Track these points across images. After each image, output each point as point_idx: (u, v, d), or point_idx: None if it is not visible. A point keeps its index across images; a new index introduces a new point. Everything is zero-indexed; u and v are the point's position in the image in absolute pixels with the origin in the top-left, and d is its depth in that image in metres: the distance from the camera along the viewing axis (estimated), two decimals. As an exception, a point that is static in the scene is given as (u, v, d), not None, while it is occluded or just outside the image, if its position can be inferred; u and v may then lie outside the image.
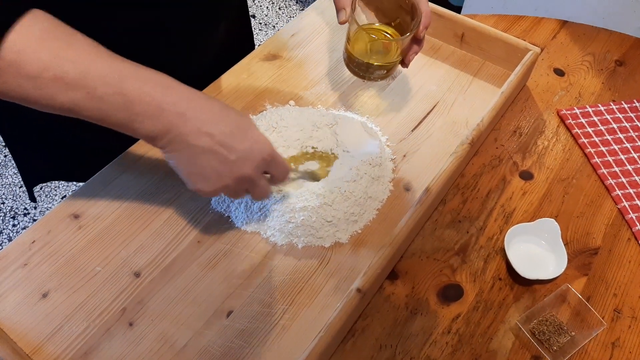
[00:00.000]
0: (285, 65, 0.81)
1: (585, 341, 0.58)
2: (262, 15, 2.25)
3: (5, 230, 1.57)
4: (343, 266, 0.61)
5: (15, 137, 0.75)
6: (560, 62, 0.88)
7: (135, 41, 0.61)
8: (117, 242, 0.62)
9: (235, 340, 0.56)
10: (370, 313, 0.59)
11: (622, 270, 0.65)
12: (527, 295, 0.62)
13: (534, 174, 0.73)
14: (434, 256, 0.64)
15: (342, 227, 0.63)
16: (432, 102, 0.78)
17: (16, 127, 0.73)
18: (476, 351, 0.58)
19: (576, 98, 0.83)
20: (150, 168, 0.68)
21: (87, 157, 0.76)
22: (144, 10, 0.61)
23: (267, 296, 0.59)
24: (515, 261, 0.62)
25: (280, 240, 0.63)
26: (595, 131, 0.78)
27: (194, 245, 0.62)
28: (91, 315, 0.56)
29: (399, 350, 0.57)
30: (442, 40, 0.86)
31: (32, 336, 0.55)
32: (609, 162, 0.75)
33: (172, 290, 0.58)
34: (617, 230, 0.69)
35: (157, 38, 0.66)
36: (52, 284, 0.58)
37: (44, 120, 0.54)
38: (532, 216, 0.69)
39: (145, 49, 0.59)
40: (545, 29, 0.93)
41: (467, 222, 0.67)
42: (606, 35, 0.93)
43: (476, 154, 0.74)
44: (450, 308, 0.60)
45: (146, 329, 0.56)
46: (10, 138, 0.76)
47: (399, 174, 0.70)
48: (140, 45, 0.62)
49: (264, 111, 0.74)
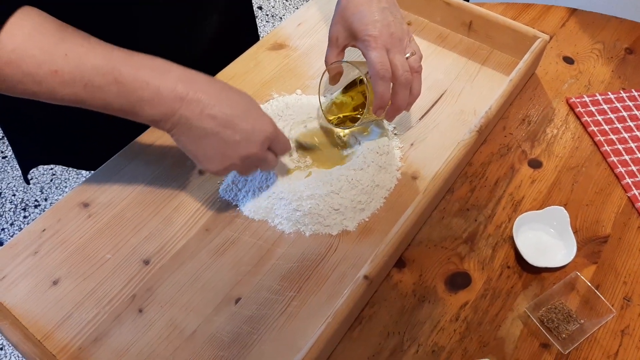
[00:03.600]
0: (292, 54, 0.81)
1: (594, 329, 0.58)
2: (269, 7, 2.24)
3: (17, 221, 1.58)
4: (350, 254, 0.62)
5: (11, 119, 0.75)
6: (570, 50, 0.87)
7: (124, 32, 0.61)
8: (127, 230, 0.62)
9: (243, 327, 0.56)
10: (377, 300, 0.59)
11: (632, 259, 0.65)
12: (536, 283, 0.62)
13: (543, 162, 0.73)
14: (441, 244, 0.64)
15: (350, 215, 0.63)
16: (440, 90, 0.78)
17: (12, 110, 0.73)
18: (484, 339, 0.58)
19: (586, 86, 0.82)
20: (159, 156, 0.68)
21: (86, 143, 0.76)
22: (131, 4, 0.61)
23: (275, 283, 0.59)
24: (523, 249, 0.62)
25: (287, 228, 0.63)
26: (605, 119, 0.78)
27: (202, 233, 0.62)
28: (101, 302, 0.57)
29: (407, 337, 0.57)
30: (450, 28, 0.85)
31: (43, 323, 0.56)
32: (619, 150, 0.74)
33: (181, 277, 0.59)
34: (627, 219, 0.68)
35: (146, 29, 0.66)
36: (62, 272, 0.59)
37: (41, 108, 0.54)
38: (540, 204, 0.68)
39: (134, 42, 0.59)
40: (554, 17, 0.92)
41: (475, 211, 0.67)
42: (616, 23, 0.92)
43: (484, 142, 0.74)
44: (458, 296, 0.60)
45: (155, 316, 0.56)
46: (6, 120, 0.76)
47: (406, 163, 0.70)
48: (130, 36, 0.62)
49: (271, 100, 0.74)
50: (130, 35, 0.62)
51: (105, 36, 0.50)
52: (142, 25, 0.65)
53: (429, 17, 0.87)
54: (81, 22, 0.49)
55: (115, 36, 0.52)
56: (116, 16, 0.61)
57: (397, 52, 0.59)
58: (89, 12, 0.57)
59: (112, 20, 0.60)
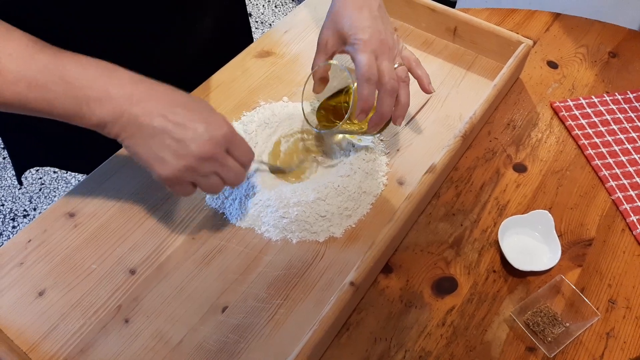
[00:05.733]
0: (279, 61, 0.81)
1: (579, 332, 0.58)
2: (258, 14, 2.25)
3: (5, 232, 1.57)
4: (337, 260, 0.62)
5: (6, 119, 0.74)
6: (554, 54, 0.88)
7: (117, 40, 0.61)
8: (112, 240, 0.62)
9: (230, 336, 0.56)
10: (364, 307, 0.60)
11: (617, 261, 0.65)
12: (521, 287, 0.62)
13: (528, 166, 0.73)
14: (428, 249, 0.64)
15: (336, 222, 0.64)
16: (425, 96, 0.78)
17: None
18: (471, 343, 0.58)
19: (570, 90, 0.83)
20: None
21: (81, 145, 0.75)
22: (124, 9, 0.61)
23: (261, 291, 0.59)
24: (509, 253, 0.63)
25: (274, 236, 0.63)
26: (589, 123, 0.78)
27: (188, 242, 0.62)
28: (87, 312, 0.57)
29: (394, 343, 0.57)
30: (435, 34, 0.86)
31: (29, 334, 0.55)
32: (603, 154, 0.75)
33: (167, 287, 0.59)
34: (611, 222, 0.69)
35: (138, 35, 0.65)
36: (48, 283, 0.59)
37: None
38: (525, 208, 0.69)
39: (123, 47, 0.59)
40: (538, 22, 0.93)
41: (461, 215, 0.68)
42: (600, 27, 0.93)
43: (470, 147, 0.75)
44: (445, 300, 0.61)
45: (142, 326, 0.56)
46: (0, 120, 0.75)
47: (392, 168, 0.70)
48: (122, 43, 0.62)
49: (258, 107, 0.74)
50: (123, 42, 0.62)
51: (97, 41, 0.49)
52: (135, 30, 0.65)
53: (414, 24, 0.87)
54: (71, 26, 0.49)
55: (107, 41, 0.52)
56: (109, 22, 0.61)
57: (385, 58, 0.59)
58: (80, 16, 0.57)
59: (103, 26, 0.60)
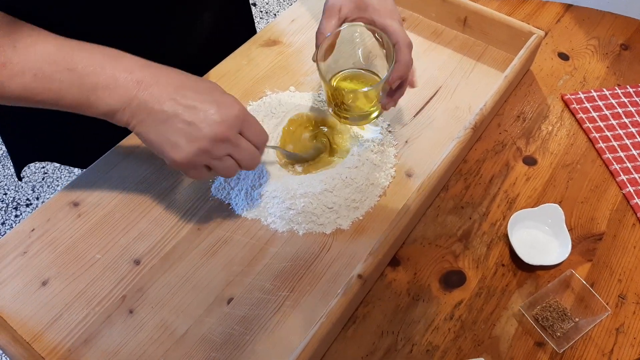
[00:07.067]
0: (285, 51, 0.80)
1: (589, 327, 0.58)
2: (262, 4, 2.23)
3: (8, 221, 1.57)
4: (344, 253, 0.61)
5: (4, 115, 0.73)
6: (565, 46, 0.86)
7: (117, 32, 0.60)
8: (117, 230, 0.61)
9: (235, 327, 0.55)
10: (371, 300, 0.59)
11: (627, 256, 0.64)
12: (531, 281, 0.61)
13: (538, 159, 0.72)
14: (436, 242, 0.64)
15: (343, 214, 0.63)
16: (435, 87, 0.77)
17: (6, 105, 0.72)
18: (479, 337, 0.57)
19: (581, 82, 0.82)
20: (150, 155, 0.67)
21: (80, 140, 0.75)
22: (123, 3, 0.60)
23: (267, 283, 0.58)
24: (518, 247, 0.62)
25: (281, 227, 0.62)
26: (600, 116, 0.77)
27: (194, 233, 0.61)
28: (91, 302, 0.56)
29: (401, 336, 0.57)
30: (445, 24, 0.85)
31: (32, 324, 0.55)
32: (614, 147, 0.74)
33: (172, 278, 0.58)
34: (621, 216, 0.68)
35: (137, 33, 0.64)
36: (51, 272, 0.58)
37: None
38: (535, 202, 0.68)
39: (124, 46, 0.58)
40: (549, 13, 0.91)
41: (470, 208, 0.67)
42: (611, 18, 0.92)
43: (479, 139, 0.73)
44: (453, 294, 0.60)
45: (146, 317, 0.56)
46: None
47: (400, 160, 0.69)
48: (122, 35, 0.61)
49: (264, 97, 0.73)
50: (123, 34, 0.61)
51: (97, 39, 0.48)
52: (135, 23, 0.64)
53: (423, 13, 0.86)
54: (72, 21, 0.48)
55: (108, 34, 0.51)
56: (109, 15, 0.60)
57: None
58: (81, 12, 0.56)
59: (103, 24, 0.59)
